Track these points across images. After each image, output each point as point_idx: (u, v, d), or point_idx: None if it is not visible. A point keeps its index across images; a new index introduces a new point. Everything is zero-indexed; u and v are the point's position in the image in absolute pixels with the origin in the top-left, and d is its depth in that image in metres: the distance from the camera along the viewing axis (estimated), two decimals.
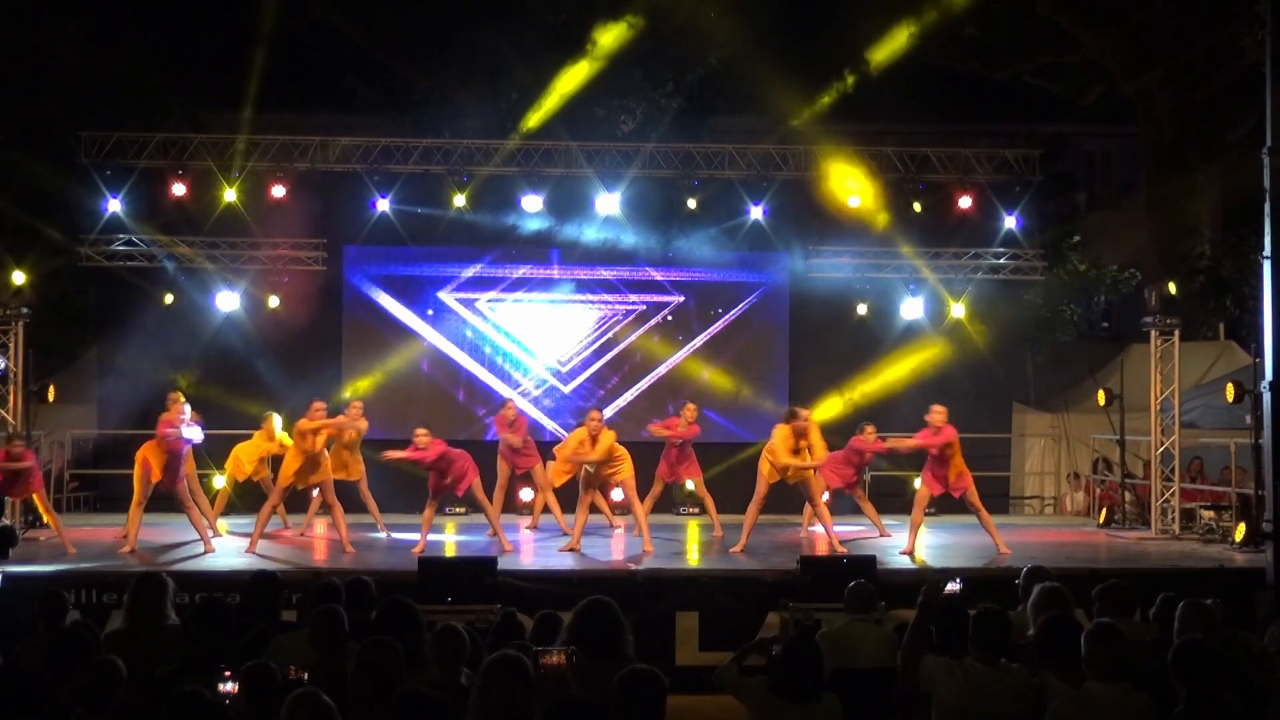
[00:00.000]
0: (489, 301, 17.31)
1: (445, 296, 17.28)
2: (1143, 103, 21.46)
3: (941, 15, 18.50)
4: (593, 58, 17.82)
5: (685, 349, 17.44)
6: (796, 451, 12.31)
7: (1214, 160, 21.42)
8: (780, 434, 12.41)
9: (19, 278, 14.08)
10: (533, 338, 17.34)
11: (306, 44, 19.95)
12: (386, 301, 17.19)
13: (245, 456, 13.67)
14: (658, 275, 17.42)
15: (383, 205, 16.17)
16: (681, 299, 17.47)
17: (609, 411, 17.22)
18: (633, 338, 17.39)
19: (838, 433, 15.83)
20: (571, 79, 17.58)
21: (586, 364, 17.36)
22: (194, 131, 16.84)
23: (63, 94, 18.08)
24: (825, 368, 17.12)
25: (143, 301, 16.36)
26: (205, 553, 11.92)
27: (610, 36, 17.75)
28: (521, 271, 17.25)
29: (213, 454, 16.04)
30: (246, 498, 14.55)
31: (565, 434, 17.19)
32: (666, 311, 17.46)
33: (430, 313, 17.25)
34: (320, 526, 14.07)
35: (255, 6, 18.28)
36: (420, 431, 12.32)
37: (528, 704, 4.66)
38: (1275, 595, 10.41)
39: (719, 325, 17.49)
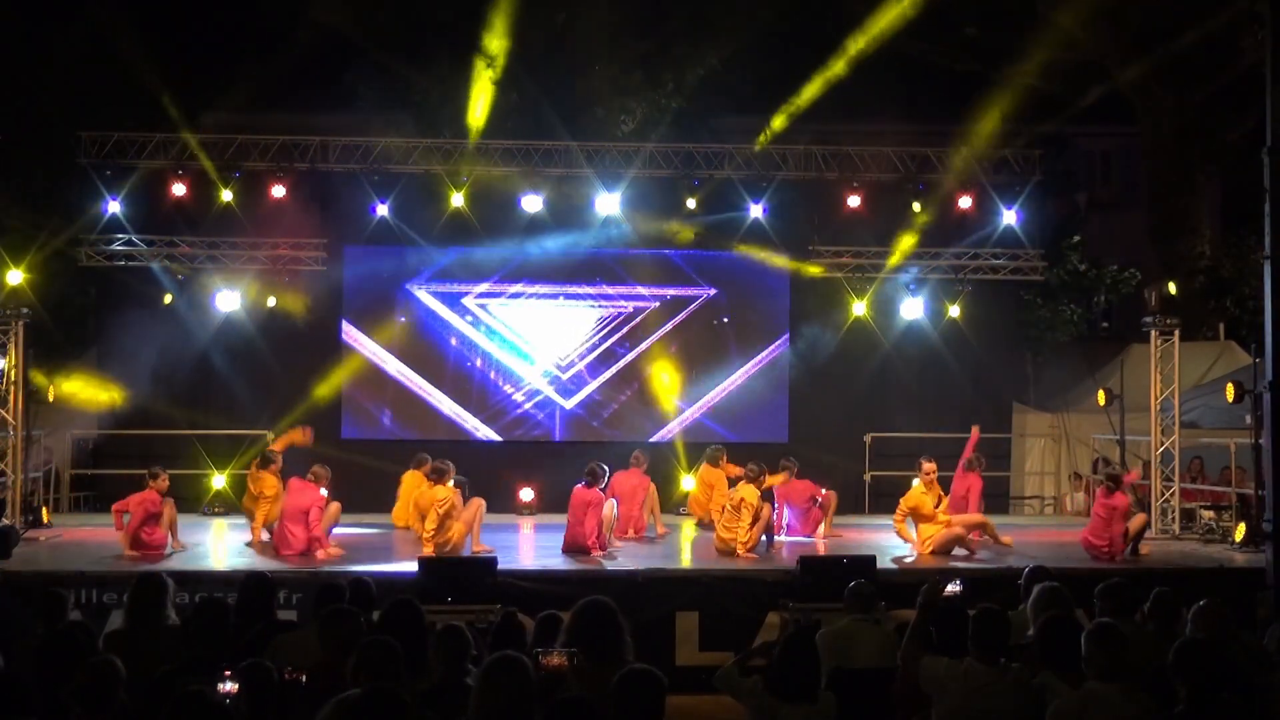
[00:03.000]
0: (489, 301, 17.29)
1: (445, 296, 17.26)
2: (1143, 103, 21.47)
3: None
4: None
5: (685, 349, 17.41)
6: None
7: (1214, 160, 21.44)
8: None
9: (18, 277, 14.05)
10: (533, 338, 17.32)
11: (306, 44, 19.95)
12: (387, 302, 17.17)
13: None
14: (656, 276, 17.39)
15: (382, 210, 16.18)
16: (679, 299, 17.44)
17: (607, 412, 17.26)
18: (629, 337, 17.36)
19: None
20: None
21: (586, 364, 17.34)
22: (194, 131, 16.84)
23: (63, 94, 18.07)
24: (825, 367, 17.12)
25: (143, 301, 16.35)
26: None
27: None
28: (521, 272, 17.22)
29: (214, 455, 16.13)
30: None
31: (565, 431, 17.25)
32: (666, 311, 17.43)
33: (430, 313, 17.23)
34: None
35: (255, 7, 18.31)
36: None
37: (527, 704, 4.66)
38: (1275, 595, 10.41)
39: (716, 325, 17.46)
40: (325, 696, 4.98)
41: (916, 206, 16.56)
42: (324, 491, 11.86)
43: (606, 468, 12.16)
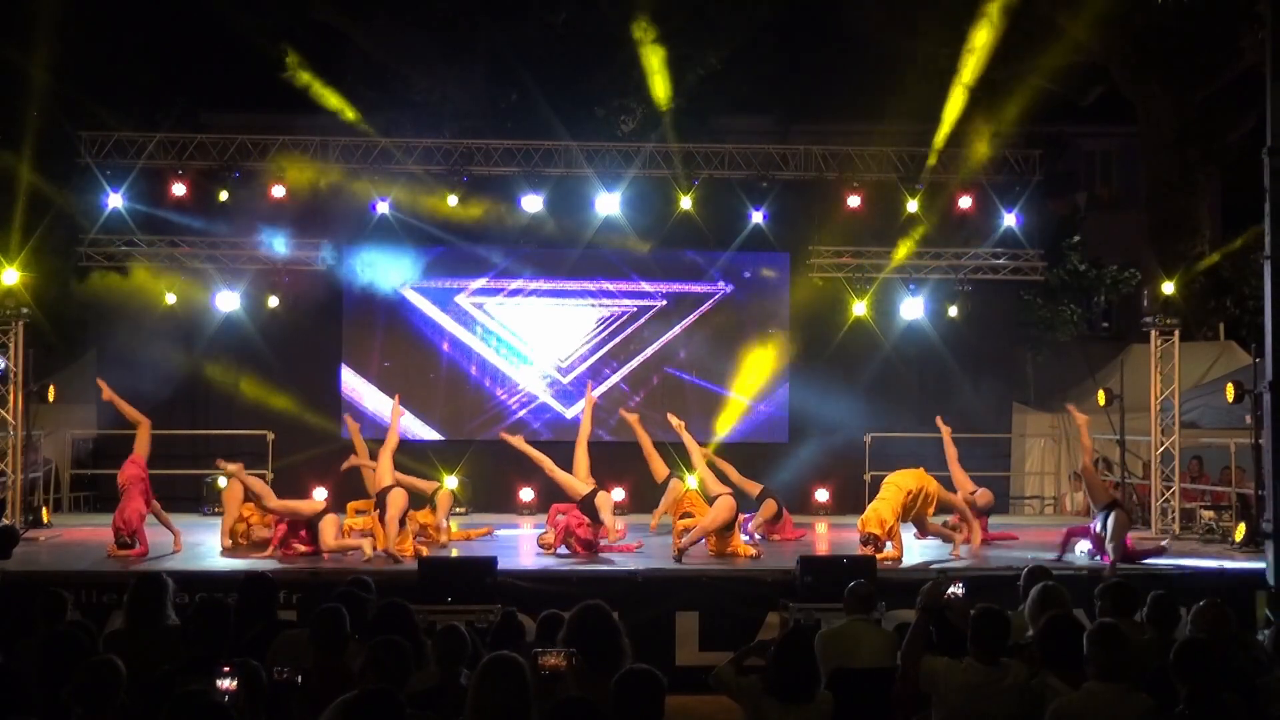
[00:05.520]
0: (489, 301, 17.27)
1: (445, 297, 17.25)
2: (1143, 103, 21.47)
3: None
4: None
5: (684, 349, 17.39)
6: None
7: (1214, 160, 21.43)
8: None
9: (16, 277, 14.01)
10: (533, 338, 17.30)
11: (306, 44, 19.95)
12: (386, 302, 17.14)
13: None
14: (658, 275, 17.37)
15: (382, 208, 16.17)
16: (680, 299, 17.43)
17: (606, 412, 17.25)
18: (630, 337, 17.33)
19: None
20: None
21: (586, 363, 17.33)
22: (194, 131, 16.83)
23: (63, 94, 18.06)
24: (825, 368, 17.11)
25: (143, 301, 16.35)
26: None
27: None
28: (521, 271, 17.20)
29: (215, 455, 16.11)
30: None
31: (565, 432, 17.22)
32: (667, 311, 17.41)
33: (430, 313, 17.21)
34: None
35: (256, 7, 18.30)
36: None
37: (523, 704, 4.66)
38: (1275, 595, 10.42)
39: (716, 325, 17.44)
40: (323, 696, 4.99)
41: (913, 205, 16.51)
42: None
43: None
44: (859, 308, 17.05)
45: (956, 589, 6.44)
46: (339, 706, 4.63)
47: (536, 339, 17.30)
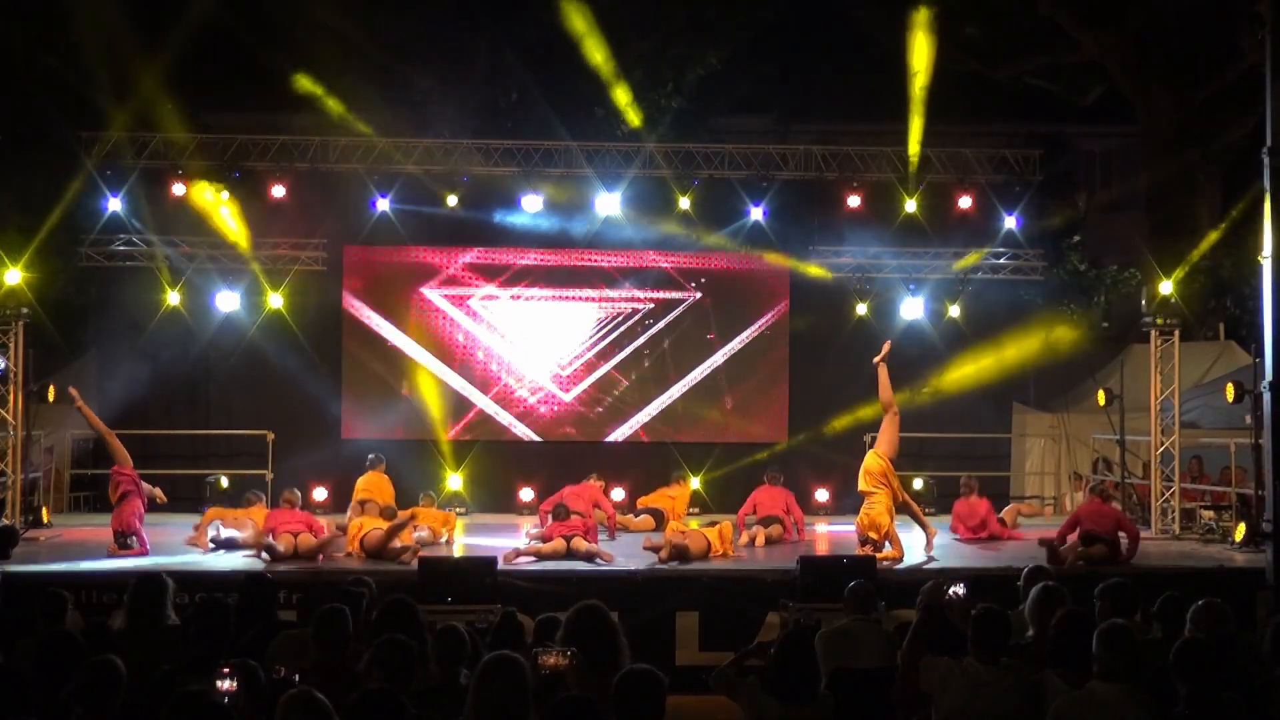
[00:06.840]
0: (489, 302, 17.27)
1: (445, 296, 17.25)
2: (1143, 103, 21.46)
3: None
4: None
5: (685, 349, 17.39)
6: None
7: (1214, 160, 21.42)
8: None
9: (17, 277, 14.01)
10: (532, 338, 17.30)
11: (307, 44, 19.93)
12: (385, 302, 17.15)
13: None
14: (657, 276, 17.37)
15: (383, 205, 16.18)
16: (680, 299, 17.43)
17: (607, 413, 17.25)
18: (631, 337, 17.33)
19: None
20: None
21: (586, 364, 17.33)
22: (194, 131, 16.83)
23: (63, 94, 18.06)
24: (825, 368, 17.11)
25: (143, 301, 16.35)
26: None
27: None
28: (521, 272, 17.21)
29: (215, 455, 16.16)
30: None
31: (565, 432, 17.25)
32: (665, 312, 17.41)
33: (430, 313, 17.22)
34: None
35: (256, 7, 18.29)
36: None
37: (523, 704, 4.66)
38: (1275, 595, 10.42)
39: (717, 325, 17.44)
40: (325, 696, 4.98)
41: (915, 206, 16.50)
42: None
43: None
44: (860, 308, 17.05)
45: (956, 589, 6.44)
46: (291, 703, 4.60)
47: (536, 339, 17.26)
